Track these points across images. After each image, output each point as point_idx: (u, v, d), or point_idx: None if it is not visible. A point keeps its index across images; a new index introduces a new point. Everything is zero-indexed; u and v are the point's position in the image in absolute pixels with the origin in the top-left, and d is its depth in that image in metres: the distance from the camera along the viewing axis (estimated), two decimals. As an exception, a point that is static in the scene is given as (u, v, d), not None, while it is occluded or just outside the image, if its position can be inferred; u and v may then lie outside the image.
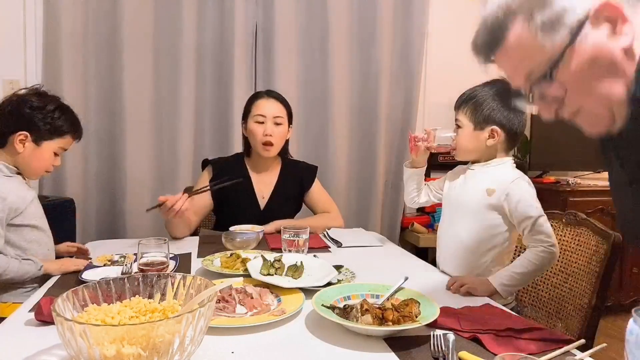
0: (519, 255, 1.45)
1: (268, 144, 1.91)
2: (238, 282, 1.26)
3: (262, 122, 1.92)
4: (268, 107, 1.94)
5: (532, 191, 1.44)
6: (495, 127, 1.46)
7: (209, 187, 1.87)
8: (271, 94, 1.99)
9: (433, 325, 1.01)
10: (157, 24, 2.71)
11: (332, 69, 2.90)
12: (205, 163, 2.05)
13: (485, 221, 1.47)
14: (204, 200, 1.95)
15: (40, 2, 2.58)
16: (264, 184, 2.01)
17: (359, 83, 3.01)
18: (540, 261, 1.38)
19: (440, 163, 3.22)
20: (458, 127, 1.52)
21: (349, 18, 2.94)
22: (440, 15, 3.19)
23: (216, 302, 1.05)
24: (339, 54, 2.92)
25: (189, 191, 2.13)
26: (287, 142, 2.04)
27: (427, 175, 3.38)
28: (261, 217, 1.91)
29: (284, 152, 2.04)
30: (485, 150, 1.50)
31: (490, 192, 1.45)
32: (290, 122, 2.01)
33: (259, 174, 2.02)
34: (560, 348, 0.95)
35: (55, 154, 1.56)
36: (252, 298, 1.13)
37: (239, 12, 2.75)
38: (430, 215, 3.15)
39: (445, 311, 1.09)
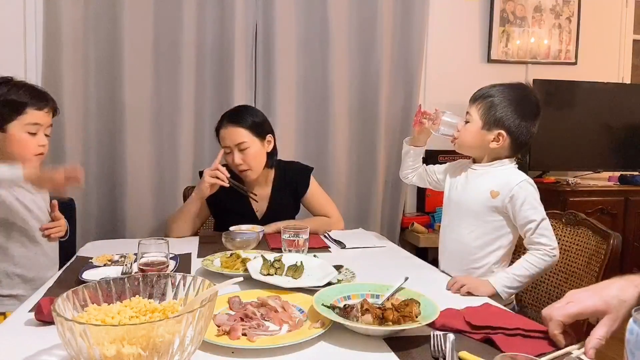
0: (519, 256, 1.45)
1: (241, 171, 1.90)
2: (250, 293, 1.21)
3: (229, 152, 1.89)
4: (227, 137, 1.88)
5: (536, 194, 1.43)
6: (502, 131, 1.45)
7: (233, 183, 1.87)
8: (230, 120, 1.90)
9: (441, 327, 1.00)
10: (157, 24, 2.71)
11: (332, 69, 2.90)
12: (201, 174, 2.04)
13: (488, 223, 1.46)
14: (202, 209, 1.95)
15: (41, 2, 2.58)
16: (260, 196, 2.00)
17: (359, 83, 3.00)
18: (542, 265, 1.37)
19: (441, 162, 3.22)
20: (467, 121, 1.51)
21: (349, 18, 2.94)
22: (440, 15, 3.19)
23: (241, 319, 1.02)
24: (339, 54, 2.91)
25: (189, 191, 2.14)
26: (271, 154, 1.98)
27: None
28: None
29: (271, 164, 1.99)
30: (487, 151, 1.50)
31: (494, 194, 1.44)
32: (262, 135, 1.93)
33: (255, 186, 2.00)
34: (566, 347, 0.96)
35: (31, 133, 1.45)
36: (276, 312, 1.08)
37: (239, 12, 2.75)
38: (430, 215, 3.15)
39: (450, 313, 1.09)
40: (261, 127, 1.93)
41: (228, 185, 1.85)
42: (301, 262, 1.39)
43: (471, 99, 1.52)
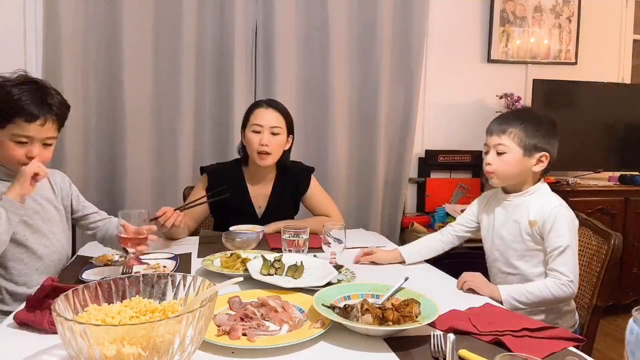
0: None
1: (263, 153, 1.89)
2: (250, 293, 1.21)
3: (259, 132, 1.90)
4: (266, 117, 1.92)
5: (567, 221, 1.41)
6: (545, 153, 1.45)
7: (197, 203, 1.84)
8: (271, 104, 1.97)
9: (449, 330, 1.00)
10: (157, 24, 2.71)
11: (332, 69, 2.90)
12: (202, 171, 2.04)
13: (540, 251, 1.45)
14: (201, 208, 1.94)
15: (41, 2, 2.57)
16: (260, 194, 2.00)
17: (359, 83, 3.00)
18: (556, 291, 1.35)
19: (441, 162, 3.23)
20: (499, 153, 1.47)
21: (349, 18, 2.94)
22: (440, 15, 3.19)
23: (241, 319, 1.02)
24: (339, 54, 2.91)
25: (189, 191, 2.14)
26: (287, 152, 2.01)
27: (428, 176, 3.40)
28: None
29: (282, 162, 2.00)
30: (529, 176, 1.48)
31: (532, 224, 1.43)
32: (290, 132, 1.99)
33: (255, 184, 2.00)
34: (572, 346, 0.97)
35: (20, 142, 1.35)
36: (276, 312, 1.08)
37: (239, 12, 2.75)
38: (430, 215, 3.15)
39: (455, 314, 1.09)
40: (291, 124, 2.01)
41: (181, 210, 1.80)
42: (301, 262, 1.39)
43: (497, 130, 1.48)
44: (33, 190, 1.36)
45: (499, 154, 1.47)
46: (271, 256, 1.41)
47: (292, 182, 2.04)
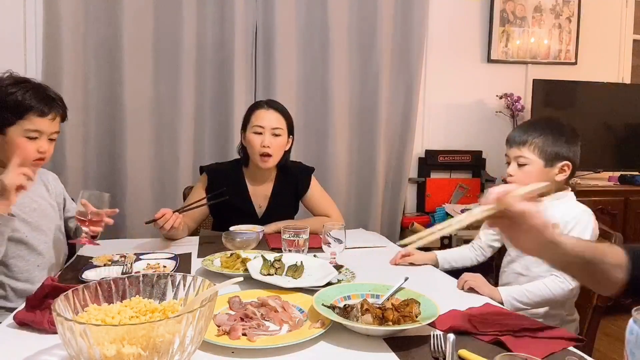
0: None
1: (265, 155, 1.89)
2: (250, 293, 1.21)
3: (260, 133, 1.90)
4: (267, 118, 1.91)
5: (591, 227, 1.41)
6: (566, 162, 1.45)
7: (196, 205, 1.84)
8: (271, 105, 1.96)
9: (449, 330, 1.00)
10: (157, 24, 2.71)
11: (332, 69, 2.90)
12: (201, 170, 2.04)
13: None
14: (200, 209, 1.94)
15: (41, 2, 2.57)
16: (260, 194, 2.00)
17: (359, 83, 3.00)
18: (555, 289, 1.35)
19: (441, 162, 3.23)
20: (520, 164, 1.47)
21: (349, 18, 2.94)
22: (440, 15, 3.20)
23: (241, 319, 1.03)
24: (339, 54, 2.91)
25: (189, 191, 2.14)
26: (287, 152, 2.00)
27: (428, 176, 3.40)
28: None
29: (282, 162, 2.00)
30: (553, 185, 1.47)
31: (555, 227, 1.43)
32: (290, 132, 1.99)
33: (256, 184, 2.00)
34: (572, 346, 0.97)
35: (31, 138, 1.39)
36: (276, 312, 1.08)
37: (239, 12, 2.75)
38: (430, 215, 3.15)
39: (455, 314, 1.09)
40: (291, 124, 2.00)
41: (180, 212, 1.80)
42: (301, 262, 1.39)
43: (516, 143, 1.49)
44: (14, 202, 1.32)
45: (520, 165, 1.48)
46: (271, 256, 1.41)
47: (292, 182, 2.04)
